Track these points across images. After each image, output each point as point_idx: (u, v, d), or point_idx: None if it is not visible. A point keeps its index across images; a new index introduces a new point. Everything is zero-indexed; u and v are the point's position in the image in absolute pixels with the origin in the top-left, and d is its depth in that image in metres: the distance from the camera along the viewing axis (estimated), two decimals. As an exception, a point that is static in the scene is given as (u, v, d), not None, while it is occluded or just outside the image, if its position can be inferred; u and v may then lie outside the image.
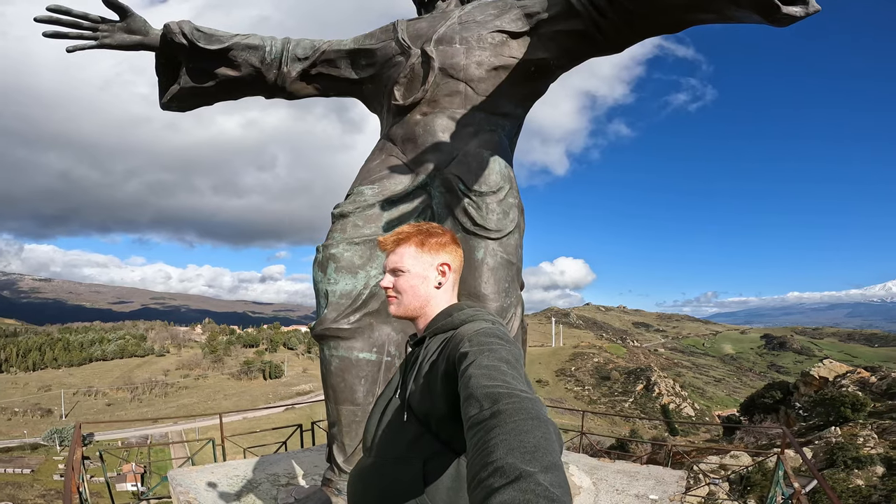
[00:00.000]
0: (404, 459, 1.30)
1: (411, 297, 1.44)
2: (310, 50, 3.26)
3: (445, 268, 1.46)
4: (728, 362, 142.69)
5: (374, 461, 1.38)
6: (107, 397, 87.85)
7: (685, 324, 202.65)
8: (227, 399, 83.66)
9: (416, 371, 1.36)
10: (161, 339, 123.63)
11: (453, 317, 1.39)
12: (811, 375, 26.47)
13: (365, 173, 3.11)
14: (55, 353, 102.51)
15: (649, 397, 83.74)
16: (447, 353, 1.25)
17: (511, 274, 2.87)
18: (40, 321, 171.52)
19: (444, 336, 1.36)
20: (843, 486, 12.99)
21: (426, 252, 1.45)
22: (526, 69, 2.95)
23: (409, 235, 1.46)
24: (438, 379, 1.25)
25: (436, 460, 1.28)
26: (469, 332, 1.25)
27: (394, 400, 1.42)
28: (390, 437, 1.36)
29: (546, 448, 0.79)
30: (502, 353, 1.13)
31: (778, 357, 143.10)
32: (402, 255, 1.45)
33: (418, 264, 1.45)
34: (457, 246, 1.50)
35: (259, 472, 4.09)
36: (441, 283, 1.45)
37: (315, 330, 2.84)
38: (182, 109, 3.46)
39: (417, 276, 1.44)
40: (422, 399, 1.29)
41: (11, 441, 59.60)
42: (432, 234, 1.47)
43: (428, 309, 1.46)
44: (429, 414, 1.28)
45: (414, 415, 1.31)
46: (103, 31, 2.84)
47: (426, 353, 1.36)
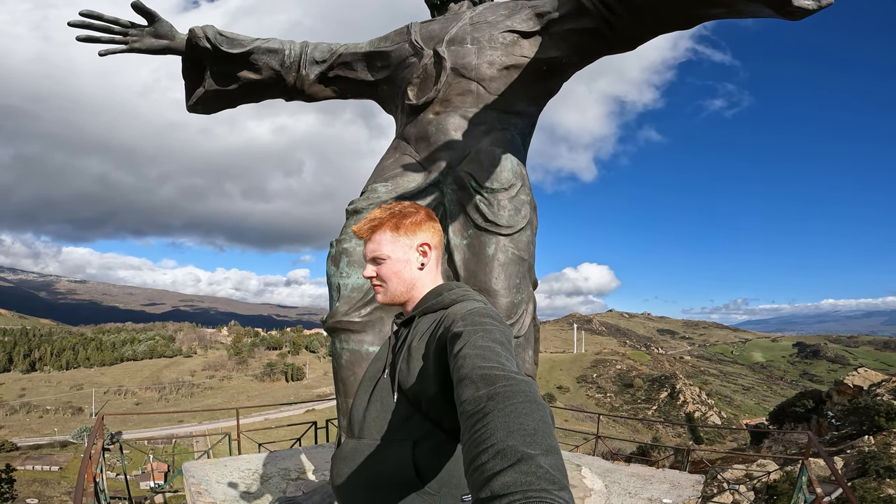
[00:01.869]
0: (394, 440, 1.28)
1: (397, 283, 1.41)
2: (327, 53, 3.35)
3: (426, 247, 1.42)
4: (758, 370, 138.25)
5: (362, 443, 1.34)
6: (136, 396, 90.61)
7: (713, 331, 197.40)
8: (250, 400, 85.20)
9: (404, 350, 1.33)
10: (189, 340, 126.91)
11: (443, 296, 1.36)
12: (845, 384, 25.45)
13: (379, 171, 3.18)
14: (88, 353, 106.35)
15: (674, 405, 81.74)
16: (439, 334, 1.24)
17: (522, 270, 2.88)
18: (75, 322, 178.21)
19: (435, 316, 1.34)
20: (875, 496, 12.48)
21: (403, 235, 1.41)
22: (538, 68, 2.97)
23: (383, 221, 1.42)
24: (430, 359, 1.24)
25: (427, 441, 1.26)
26: (462, 312, 1.23)
27: (382, 380, 1.39)
28: (379, 418, 1.33)
29: (545, 431, 0.78)
30: (496, 334, 1.12)
31: (811, 365, 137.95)
32: (380, 241, 1.40)
33: (398, 249, 1.40)
34: (433, 222, 1.45)
35: (270, 467, 4.18)
36: (424, 264, 1.41)
37: (327, 323, 2.91)
38: (207, 112, 3.60)
39: (399, 261, 1.40)
40: (412, 379, 1.27)
41: (42, 438, 61.56)
42: (406, 215, 1.42)
43: (415, 291, 1.43)
44: (419, 394, 1.26)
45: (403, 395, 1.29)
46: (133, 36, 2.98)
47: (415, 332, 1.34)
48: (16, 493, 15.41)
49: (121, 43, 2.96)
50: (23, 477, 38.76)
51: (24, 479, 38.50)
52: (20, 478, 35.11)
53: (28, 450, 54.32)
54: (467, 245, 2.89)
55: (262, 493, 3.66)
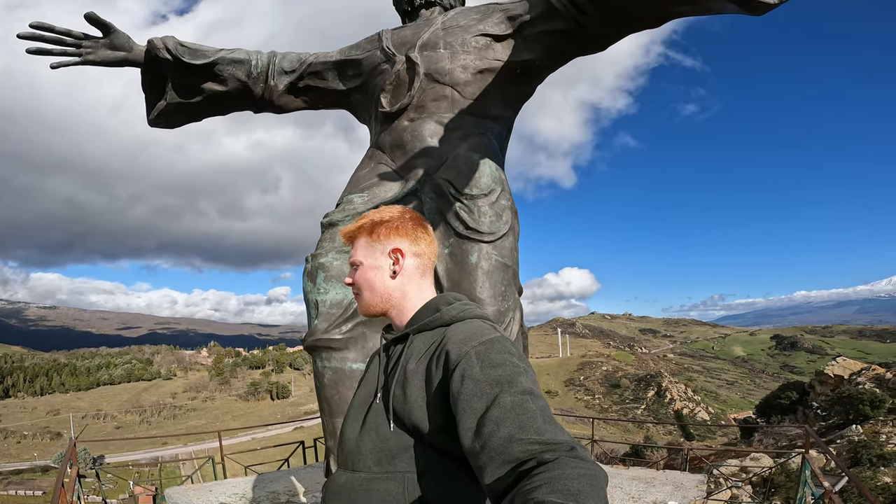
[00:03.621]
0: (394, 472, 1.14)
1: (368, 291, 1.32)
2: (296, 63, 3.26)
3: (397, 254, 1.31)
4: (739, 365, 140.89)
5: (357, 476, 1.19)
6: (116, 420, 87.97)
7: (693, 328, 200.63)
8: (236, 420, 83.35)
9: (398, 373, 1.20)
10: (167, 362, 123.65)
11: (441, 312, 1.23)
12: (826, 374, 26.10)
13: (354, 182, 3.09)
14: (62, 378, 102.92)
15: (661, 403, 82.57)
16: (442, 362, 1.11)
17: (507, 277, 2.82)
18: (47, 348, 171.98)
19: (433, 336, 1.21)
20: (871, 485, 12.71)
21: (375, 240, 1.32)
22: (512, 71, 2.94)
23: (362, 226, 1.35)
24: (432, 388, 1.12)
25: (432, 472, 1.13)
26: (471, 344, 1.10)
27: (375, 406, 1.24)
28: (375, 449, 1.18)
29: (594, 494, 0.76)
30: (522, 381, 1.00)
31: (790, 357, 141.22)
32: (357, 247, 1.34)
33: (370, 254, 1.32)
34: (417, 228, 1.33)
35: (258, 490, 4.01)
36: (396, 272, 1.30)
37: (306, 341, 2.79)
38: (170, 126, 3.47)
39: (370, 267, 1.32)
40: (410, 407, 1.14)
41: (22, 464, 59.64)
42: (382, 221, 1.33)
43: (395, 302, 1.31)
44: (419, 424, 1.13)
45: (401, 423, 1.16)
46: (87, 48, 2.86)
47: (410, 352, 1.22)
48: None
49: (74, 55, 2.83)
50: (7, 502, 37.41)
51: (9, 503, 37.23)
52: (3, 503, 33.71)
53: (9, 475, 52.57)
54: (449, 254, 2.80)
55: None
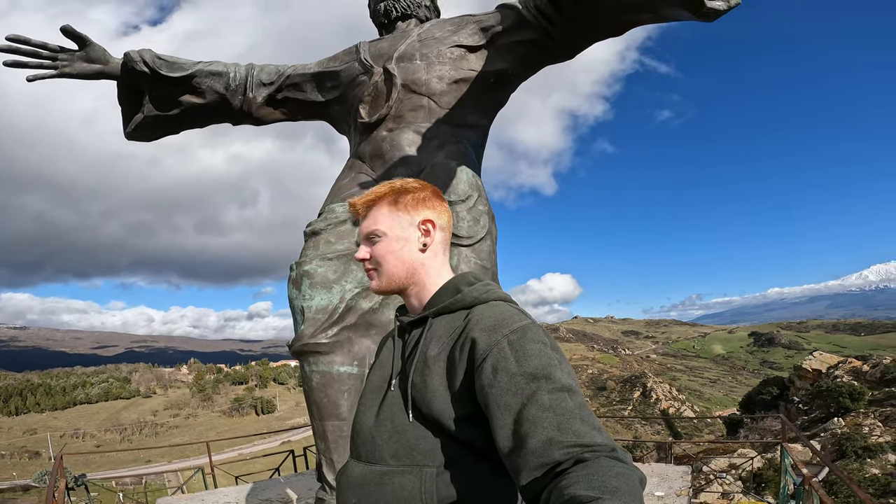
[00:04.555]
0: (412, 465, 1.05)
1: (393, 264, 1.19)
2: (275, 75, 3.32)
3: (429, 225, 1.21)
4: (720, 362, 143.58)
5: (372, 469, 1.10)
6: (95, 439, 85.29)
7: (673, 328, 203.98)
8: (221, 436, 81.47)
9: (417, 359, 1.11)
10: (146, 380, 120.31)
11: (463, 294, 1.14)
12: (804, 369, 26.73)
13: (336, 191, 3.16)
14: (37, 398, 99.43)
15: (647, 403, 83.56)
16: (469, 350, 1.03)
17: (486, 279, 2.91)
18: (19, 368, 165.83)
19: (453, 319, 1.12)
20: (859, 476, 12.86)
21: (402, 210, 1.20)
22: (486, 80, 3.06)
23: (382, 195, 1.22)
24: (456, 377, 1.03)
25: (451, 465, 1.04)
26: (502, 332, 1.01)
27: (391, 394, 1.15)
28: (391, 440, 1.09)
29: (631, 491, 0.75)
30: (559, 375, 0.95)
31: (768, 353, 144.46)
32: (376, 217, 1.20)
33: (396, 224, 1.20)
34: (440, 201, 1.26)
35: (251, 498, 4.01)
36: (426, 245, 1.20)
37: (293, 347, 2.84)
38: (147, 139, 3.49)
39: (396, 238, 1.19)
40: (431, 396, 1.05)
41: (2, 483, 57.43)
42: (408, 190, 1.23)
43: (418, 278, 1.20)
44: (441, 414, 1.04)
45: (421, 414, 1.07)
46: (63, 61, 2.87)
47: (430, 337, 1.12)
48: None
49: (50, 68, 2.85)
50: None
51: None
52: None
53: None
54: None
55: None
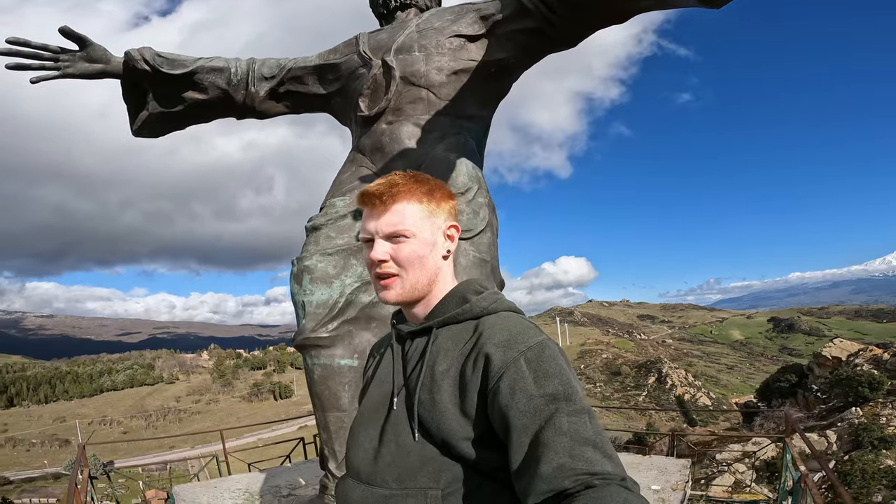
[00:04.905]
0: (416, 489, 0.97)
1: (420, 271, 1.05)
2: (276, 69, 3.33)
3: (453, 230, 1.11)
4: (738, 348, 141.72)
5: (375, 492, 1.02)
6: (122, 426, 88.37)
7: (690, 312, 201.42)
8: (240, 421, 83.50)
9: (424, 375, 1.02)
10: (169, 366, 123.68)
11: (471, 304, 1.05)
12: (823, 356, 26.23)
13: (337, 185, 3.18)
14: (66, 386, 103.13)
15: (663, 389, 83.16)
16: (483, 367, 0.95)
17: (485, 272, 2.92)
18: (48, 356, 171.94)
19: (461, 330, 1.04)
20: (874, 468, 12.65)
21: (433, 211, 1.07)
22: (486, 70, 3.02)
23: (410, 187, 1.06)
24: (469, 396, 0.96)
25: (459, 487, 0.97)
26: (517, 349, 0.94)
27: (395, 412, 1.05)
28: (395, 462, 1.01)
29: None
30: (578, 397, 0.90)
31: (788, 339, 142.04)
32: (404, 213, 1.04)
33: (427, 227, 1.06)
34: (455, 201, 1.16)
35: (261, 485, 4.13)
36: (449, 252, 1.11)
37: (296, 340, 2.90)
38: (154, 135, 3.53)
39: (426, 242, 1.05)
40: (439, 415, 0.97)
41: (34, 472, 60.00)
42: (435, 186, 1.09)
43: (435, 288, 1.09)
44: (451, 435, 0.96)
45: (427, 432, 0.99)
46: (65, 62, 2.90)
47: (437, 350, 1.03)
48: None
49: (52, 69, 2.88)
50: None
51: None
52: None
53: (22, 483, 52.88)
54: None
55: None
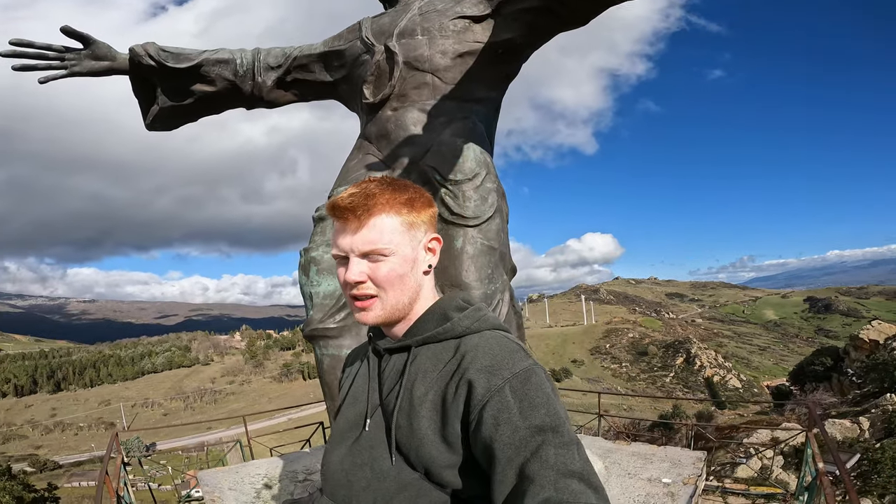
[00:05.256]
0: None
1: (401, 291, 0.97)
2: (281, 58, 3.29)
3: (435, 243, 1.02)
4: (772, 329, 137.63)
5: None
6: (162, 407, 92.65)
7: (721, 291, 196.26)
8: (272, 402, 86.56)
9: (401, 398, 0.96)
10: (204, 348, 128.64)
11: (453, 322, 0.99)
12: (860, 339, 25.25)
13: (344, 174, 3.15)
14: (109, 369, 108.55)
15: (691, 371, 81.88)
16: (465, 395, 0.89)
17: (494, 260, 2.87)
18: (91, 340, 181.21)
19: (441, 350, 0.98)
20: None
21: (414, 225, 0.98)
22: (493, 52, 2.91)
23: (387, 199, 0.95)
24: (450, 424, 0.91)
25: None
26: (502, 375, 0.88)
27: (366, 434, 1.01)
28: (370, 487, 0.96)
29: None
30: (566, 429, 0.85)
31: (824, 320, 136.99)
32: (382, 229, 0.94)
33: (407, 242, 0.97)
34: (436, 209, 1.07)
35: (279, 470, 4.24)
36: (431, 267, 1.02)
37: (305, 331, 2.93)
38: (168, 128, 3.56)
39: (406, 260, 0.97)
40: (418, 441, 0.93)
41: (81, 455, 62.76)
42: (414, 195, 0.99)
43: (416, 305, 1.02)
44: (431, 462, 0.92)
45: (406, 458, 0.95)
46: (71, 60, 2.92)
47: (414, 371, 0.98)
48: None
49: (59, 69, 2.90)
50: (71, 494, 39.57)
51: (73, 495, 39.32)
52: (68, 495, 35.85)
53: (70, 467, 55.37)
54: None
55: (271, 497, 3.71)
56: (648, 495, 3.23)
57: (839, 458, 3.15)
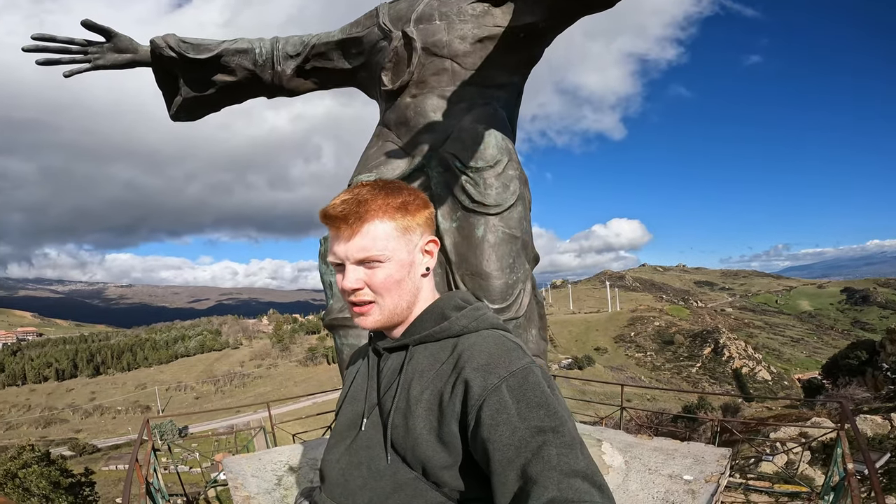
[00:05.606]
0: None
1: (399, 296, 0.97)
2: (300, 46, 3.27)
3: (432, 245, 1.02)
4: (806, 320, 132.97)
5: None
6: (194, 391, 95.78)
7: (754, 280, 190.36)
8: (297, 386, 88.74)
9: (398, 398, 0.96)
10: (234, 332, 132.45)
11: (450, 321, 0.98)
12: (897, 332, 24.23)
13: (363, 161, 3.14)
14: (145, 353, 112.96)
15: (718, 361, 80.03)
16: (462, 394, 0.89)
17: (515, 248, 2.83)
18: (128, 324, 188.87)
19: (439, 350, 0.97)
20: None
21: (409, 229, 0.97)
22: (514, 36, 2.82)
23: (379, 204, 0.94)
24: (446, 424, 0.90)
25: None
26: (498, 374, 0.87)
27: (363, 434, 1.02)
28: (366, 487, 0.96)
29: None
30: (567, 428, 0.84)
31: (861, 312, 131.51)
32: (375, 235, 0.94)
33: (402, 247, 0.96)
34: (432, 209, 1.05)
35: (300, 457, 4.32)
36: (429, 269, 1.01)
37: (325, 320, 2.96)
38: (192, 118, 3.60)
39: (402, 264, 0.96)
40: (413, 441, 0.92)
41: (119, 439, 64.89)
42: (407, 199, 0.98)
43: (416, 307, 1.02)
44: (427, 462, 0.91)
45: (401, 458, 0.95)
46: (94, 54, 2.96)
47: (412, 371, 0.97)
48: (97, 495, 16.73)
49: (83, 62, 2.94)
50: (108, 477, 41.25)
51: (110, 478, 41.06)
52: (105, 478, 37.41)
53: (108, 450, 57.05)
54: (457, 228, 2.84)
55: (292, 484, 3.79)
56: (668, 492, 3.15)
57: (869, 457, 3.01)
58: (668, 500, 3.04)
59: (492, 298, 2.73)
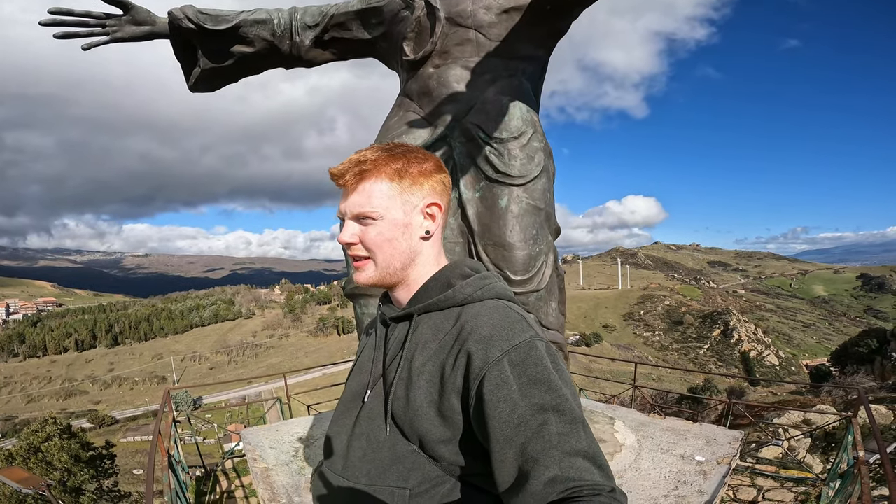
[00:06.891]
0: (382, 488, 0.93)
1: (389, 255, 0.97)
2: (318, 16, 3.20)
3: (435, 209, 1.00)
4: (819, 305, 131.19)
5: (344, 485, 0.99)
6: (209, 361, 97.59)
7: (769, 262, 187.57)
8: (308, 356, 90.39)
9: (401, 369, 0.96)
10: (247, 301, 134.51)
11: (455, 290, 0.96)
12: (911, 320, 23.81)
13: (384, 131, 3.11)
14: (161, 323, 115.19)
15: (727, 344, 79.76)
16: (464, 367, 0.87)
17: (539, 220, 2.81)
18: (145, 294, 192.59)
19: (443, 320, 0.96)
20: None
21: (406, 188, 0.97)
22: (541, 8, 2.73)
23: (378, 164, 0.96)
24: (447, 397, 0.89)
25: (427, 490, 0.92)
26: (500, 347, 0.86)
27: (368, 404, 1.01)
28: (365, 458, 0.97)
29: None
30: (569, 406, 0.82)
31: (876, 300, 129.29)
32: (371, 192, 0.96)
33: (397, 206, 0.97)
34: (444, 174, 1.03)
35: (316, 429, 4.43)
36: (429, 233, 1.00)
37: (346, 289, 3.00)
38: (210, 89, 3.56)
39: (396, 223, 0.97)
40: (413, 413, 0.91)
41: (137, 410, 66.15)
42: (410, 161, 0.98)
43: (413, 271, 1.01)
44: (425, 434, 0.91)
45: (400, 430, 0.94)
46: (112, 27, 2.91)
47: (416, 342, 0.96)
48: (117, 467, 17.08)
49: (101, 35, 2.89)
50: (126, 448, 42.26)
51: (128, 450, 42.05)
52: (124, 449, 38.36)
53: (126, 422, 58.52)
54: (480, 198, 2.83)
55: (309, 455, 3.89)
56: (680, 472, 3.18)
57: (882, 445, 2.99)
58: (680, 480, 3.07)
59: (514, 269, 2.72)
